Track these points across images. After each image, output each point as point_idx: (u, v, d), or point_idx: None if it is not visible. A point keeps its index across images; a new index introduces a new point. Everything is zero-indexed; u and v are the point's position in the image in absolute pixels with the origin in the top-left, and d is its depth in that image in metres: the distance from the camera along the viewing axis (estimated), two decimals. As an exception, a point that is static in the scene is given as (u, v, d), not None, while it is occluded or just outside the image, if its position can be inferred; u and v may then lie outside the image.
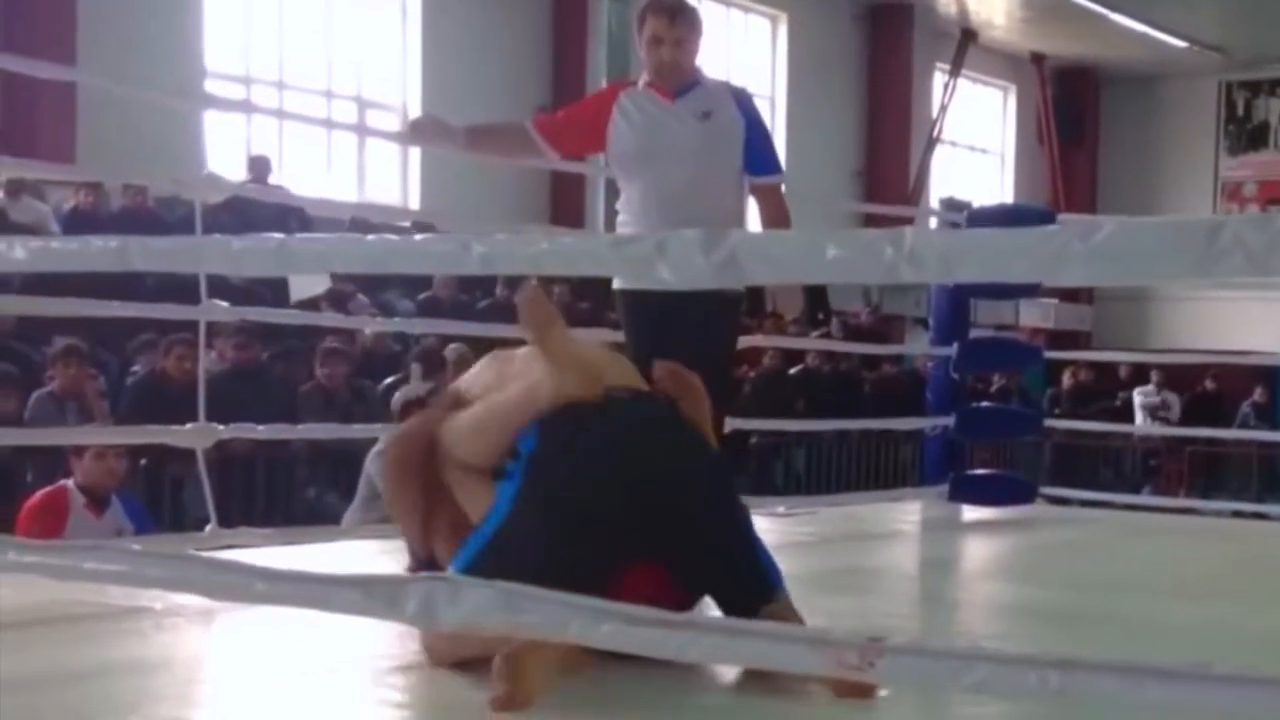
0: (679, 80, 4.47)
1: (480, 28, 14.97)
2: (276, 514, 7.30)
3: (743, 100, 4.59)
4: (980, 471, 7.09)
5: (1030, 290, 8.59)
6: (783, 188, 4.69)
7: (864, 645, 1.88)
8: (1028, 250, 2.00)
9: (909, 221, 15.95)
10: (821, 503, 7.24)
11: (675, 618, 2.16)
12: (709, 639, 2.10)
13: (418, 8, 14.67)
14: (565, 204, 15.12)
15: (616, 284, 4.47)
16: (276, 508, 7.46)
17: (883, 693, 2.85)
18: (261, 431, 5.28)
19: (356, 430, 6.54)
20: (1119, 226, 1.94)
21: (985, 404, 7.91)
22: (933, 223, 9.67)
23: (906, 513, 6.78)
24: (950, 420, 6.87)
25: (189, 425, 4.71)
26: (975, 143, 21.93)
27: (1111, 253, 1.92)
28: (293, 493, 7.71)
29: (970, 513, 6.72)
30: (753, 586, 3.14)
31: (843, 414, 9.30)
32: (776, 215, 4.60)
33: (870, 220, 16.07)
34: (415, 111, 14.22)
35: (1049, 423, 8.34)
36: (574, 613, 2.15)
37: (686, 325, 4.27)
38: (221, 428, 4.79)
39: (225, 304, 5.57)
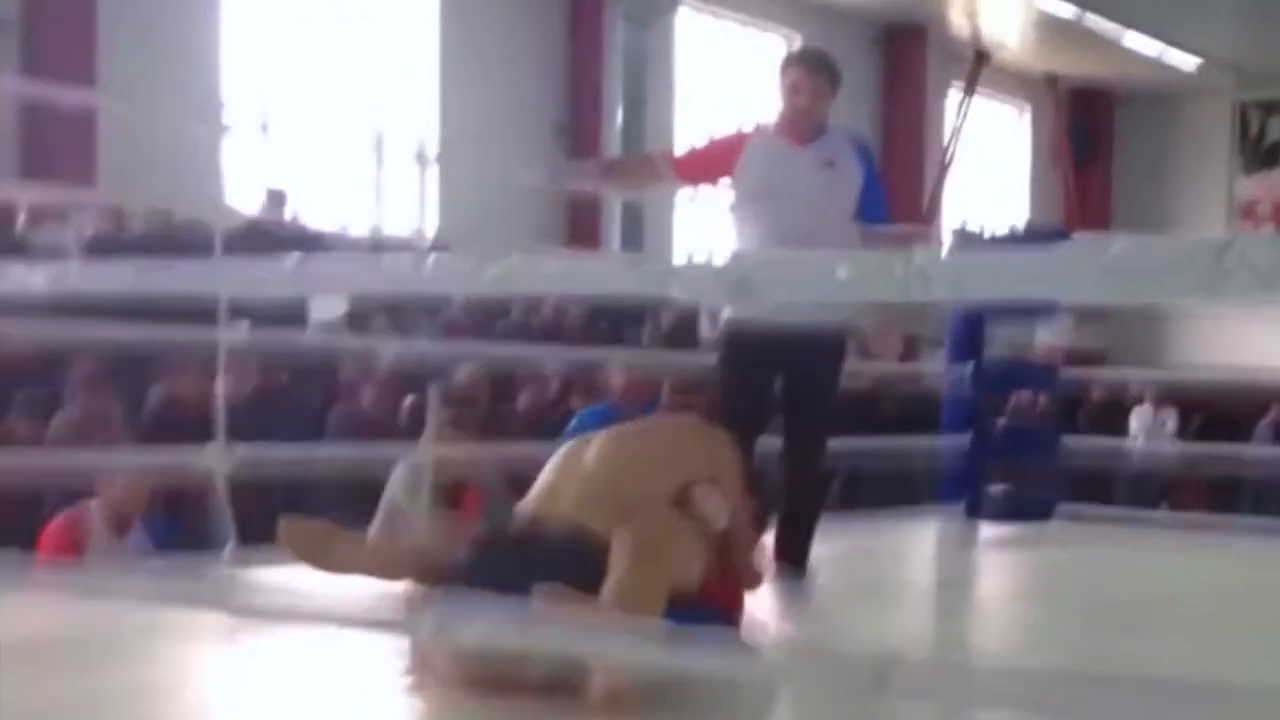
0: (809, 127, 4.70)
1: (497, 53, 15.03)
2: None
3: (863, 151, 4.86)
4: (997, 488, 7.09)
5: (1048, 310, 8.58)
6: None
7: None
8: (1038, 269, 2.03)
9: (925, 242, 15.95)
10: (839, 520, 7.24)
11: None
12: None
13: (435, 33, 14.74)
14: (580, 227, 15.16)
15: (727, 313, 4.65)
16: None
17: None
18: (282, 454, 5.31)
19: (371, 451, 6.53)
20: (1128, 245, 1.96)
21: (1001, 422, 7.91)
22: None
23: (924, 530, 6.79)
24: (966, 439, 6.88)
25: (208, 446, 4.75)
26: (990, 163, 21.93)
27: (1122, 271, 1.94)
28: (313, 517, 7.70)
29: (988, 531, 6.73)
30: None
31: (860, 433, 9.25)
32: None
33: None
34: (433, 135, 14.35)
35: (1066, 440, 8.32)
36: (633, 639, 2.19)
37: (803, 364, 4.52)
38: (244, 449, 4.83)
39: (245, 324, 5.61)
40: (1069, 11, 18.00)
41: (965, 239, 7.56)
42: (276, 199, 11.60)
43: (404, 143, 14.49)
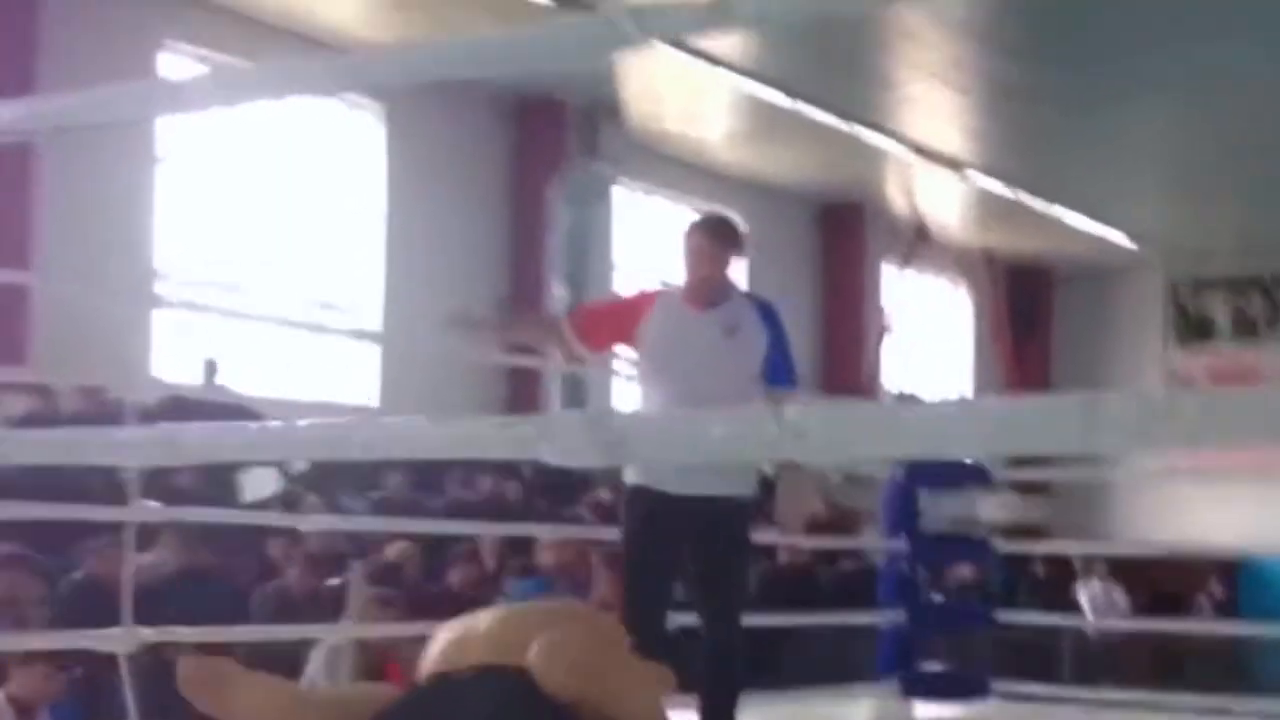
0: (710, 292, 4.72)
1: (442, 230, 15.18)
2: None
3: (768, 314, 4.86)
4: (932, 667, 6.99)
5: (980, 479, 8.53)
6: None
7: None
8: (912, 425, 1.99)
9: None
10: (771, 697, 7.11)
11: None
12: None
13: (382, 207, 14.86)
14: (521, 397, 15.14)
15: (631, 479, 4.59)
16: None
17: None
18: (188, 634, 5.16)
19: (288, 631, 6.39)
20: (1001, 403, 1.94)
21: (937, 598, 7.83)
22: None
23: (858, 708, 6.68)
24: (902, 615, 6.80)
25: (113, 630, 4.61)
26: (930, 336, 22.11)
27: (993, 425, 1.91)
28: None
29: (923, 709, 6.62)
30: None
31: (795, 608, 9.15)
32: None
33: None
34: (376, 309, 14.42)
35: (1003, 616, 8.23)
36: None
37: (709, 530, 4.45)
38: (148, 631, 4.69)
39: (156, 504, 5.50)
40: (1005, 190, 18.36)
41: (906, 401, 7.56)
42: (210, 369, 11.55)
43: (346, 317, 14.48)
